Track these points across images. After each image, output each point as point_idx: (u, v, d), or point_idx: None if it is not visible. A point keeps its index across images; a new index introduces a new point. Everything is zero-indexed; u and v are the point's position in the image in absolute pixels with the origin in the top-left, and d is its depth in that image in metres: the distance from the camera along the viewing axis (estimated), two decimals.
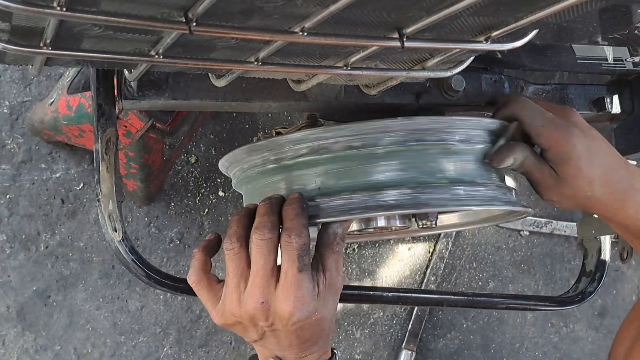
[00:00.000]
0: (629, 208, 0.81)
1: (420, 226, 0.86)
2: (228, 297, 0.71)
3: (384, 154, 0.75)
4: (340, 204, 0.74)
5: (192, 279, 0.75)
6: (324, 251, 0.72)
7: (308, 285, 0.69)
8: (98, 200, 0.76)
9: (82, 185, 1.49)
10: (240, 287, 0.71)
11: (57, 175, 1.48)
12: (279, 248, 0.71)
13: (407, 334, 1.81)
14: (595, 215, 1.16)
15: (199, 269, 0.75)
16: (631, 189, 0.81)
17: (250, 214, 0.74)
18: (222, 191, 1.62)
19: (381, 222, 0.86)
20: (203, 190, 1.60)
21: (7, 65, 1.44)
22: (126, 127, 1.10)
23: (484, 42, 0.56)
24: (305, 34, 0.50)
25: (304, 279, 0.69)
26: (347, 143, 0.74)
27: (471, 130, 0.78)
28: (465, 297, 1.07)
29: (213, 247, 0.77)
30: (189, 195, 1.59)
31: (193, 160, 1.59)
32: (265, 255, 0.69)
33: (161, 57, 0.55)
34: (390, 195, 0.74)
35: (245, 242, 0.72)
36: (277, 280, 0.69)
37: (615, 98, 1.08)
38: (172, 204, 1.58)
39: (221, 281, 0.75)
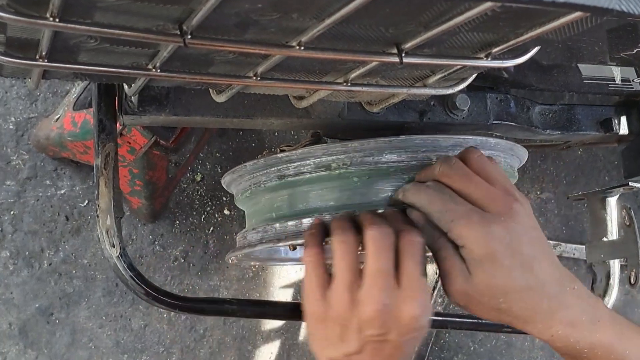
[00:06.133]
0: (556, 327, 0.66)
1: None
2: (338, 296, 0.64)
3: (387, 172, 0.74)
4: None
5: (313, 250, 0.67)
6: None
7: (428, 291, 0.64)
8: (97, 216, 0.75)
9: (86, 202, 1.49)
10: (353, 286, 0.63)
11: (62, 192, 1.48)
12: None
13: (413, 357, 1.79)
14: (605, 239, 1.15)
15: (319, 243, 0.67)
16: (559, 307, 0.66)
17: (352, 217, 0.69)
18: (228, 210, 1.61)
19: None
20: (208, 208, 1.60)
21: (13, 82, 1.45)
22: (130, 143, 1.10)
23: (485, 58, 0.55)
24: (303, 48, 0.50)
25: (426, 283, 0.64)
26: (345, 161, 0.73)
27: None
28: (470, 320, 1.06)
29: (323, 232, 0.69)
30: (194, 213, 1.59)
31: (199, 178, 1.59)
32: (387, 252, 0.63)
33: (158, 70, 0.55)
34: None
35: (356, 238, 0.66)
36: (396, 283, 0.63)
37: (623, 119, 1.07)
38: (177, 222, 1.57)
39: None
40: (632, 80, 0.99)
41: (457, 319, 1.04)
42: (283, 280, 1.61)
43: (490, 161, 0.71)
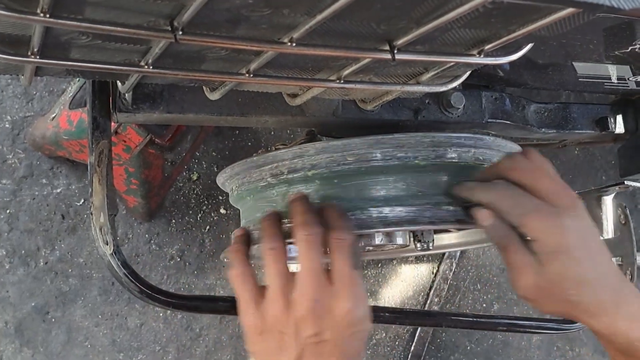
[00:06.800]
0: (620, 321, 0.66)
1: (419, 248, 0.85)
2: (272, 301, 0.65)
3: (380, 170, 0.74)
4: None
5: (238, 270, 0.68)
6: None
7: (362, 284, 0.64)
8: (91, 214, 0.75)
9: (82, 201, 1.49)
10: (286, 289, 0.64)
11: (58, 190, 1.47)
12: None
13: (409, 356, 1.78)
14: (600, 238, 1.14)
15: (244, 260, 0.69)
16: (623, 301, 0.67)
17: (279, 218, 0.70)
18: (224, 209, 1.61)
19: (379, 240, 0.85)
20: (204, 207, 1.60)
21: (9, 81, 1.45)
22: (125, 142, 1.10)
23: (477, 55, 0.55)
24: (294, 44, 0.50)
25: (359, 276, 0.64)
26: (338, 159, 0.73)
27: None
28: (466, 318, 1.06)
29: (247, 243, 0.71)
30: (191, 212, 1.59)
31: (195, 178, 1.59)
32: (315, 251, 0.64)
33: (151, 67, 0.55)
34: (388, 212, 0.73)
35: (284, 243, 0.67)
36: (328, 280, 0.64)
37: (619, 118, 1.07)
38: (173, 221, 1.57)
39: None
40: (628, 79, 0.99)
41: (453, 317, 1.04)
42: None
43: (546, 160, 0.72)
